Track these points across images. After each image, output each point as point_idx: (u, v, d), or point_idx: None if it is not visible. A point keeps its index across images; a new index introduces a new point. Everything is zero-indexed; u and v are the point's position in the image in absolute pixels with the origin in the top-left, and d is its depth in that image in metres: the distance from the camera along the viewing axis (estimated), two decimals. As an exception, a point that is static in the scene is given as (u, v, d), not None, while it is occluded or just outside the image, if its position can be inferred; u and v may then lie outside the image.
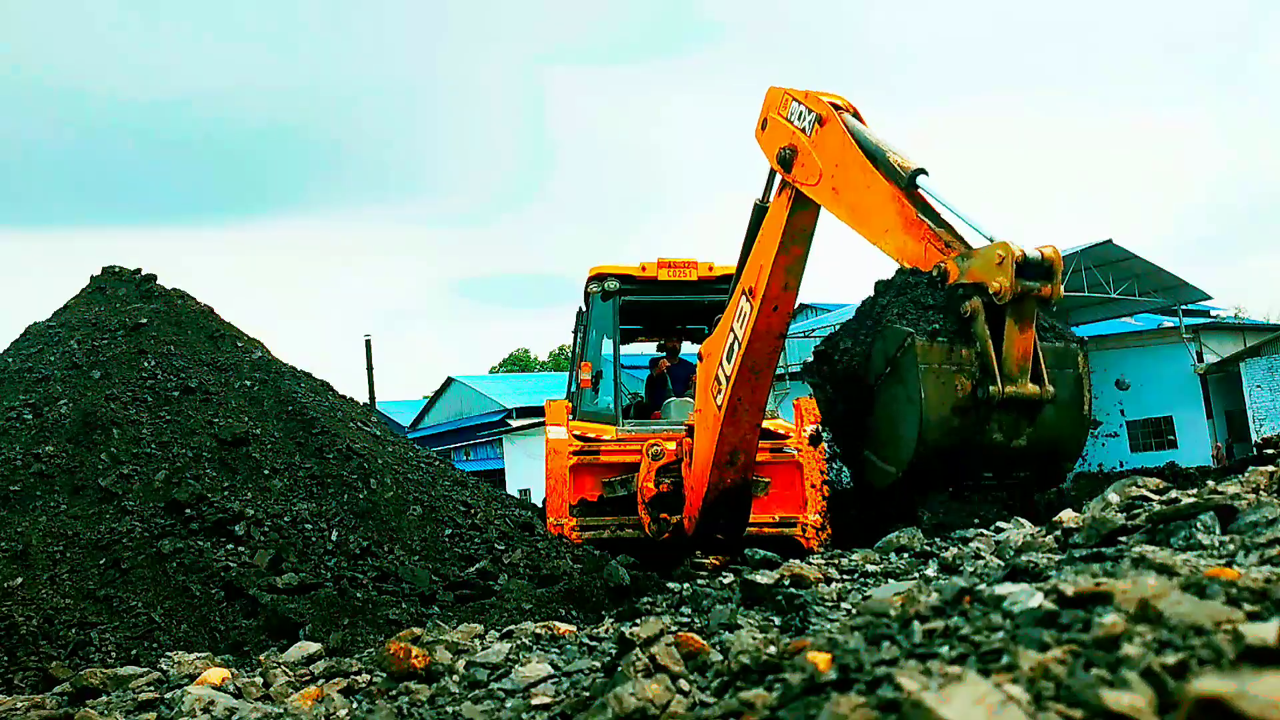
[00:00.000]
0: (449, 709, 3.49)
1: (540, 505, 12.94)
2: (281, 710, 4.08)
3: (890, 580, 4.29)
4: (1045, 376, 6.41)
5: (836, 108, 7.57)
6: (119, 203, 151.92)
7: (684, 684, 2.68)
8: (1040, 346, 6.52)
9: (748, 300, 8.58)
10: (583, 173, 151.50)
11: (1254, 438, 31.94)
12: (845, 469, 10.42)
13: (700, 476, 9.29)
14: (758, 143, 8.40)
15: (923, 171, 6.85)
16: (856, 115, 7.55)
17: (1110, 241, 34.53)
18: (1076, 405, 6.84)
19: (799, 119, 7.83)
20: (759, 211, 8.50)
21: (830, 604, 3.92)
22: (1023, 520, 5.95)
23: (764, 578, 4.28)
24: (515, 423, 44.22)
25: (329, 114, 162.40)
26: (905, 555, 5.11)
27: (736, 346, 8.58)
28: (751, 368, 8.55)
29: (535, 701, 3.29)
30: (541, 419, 13.56)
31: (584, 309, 12.62)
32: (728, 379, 8.67)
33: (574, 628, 4.90)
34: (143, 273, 12.37)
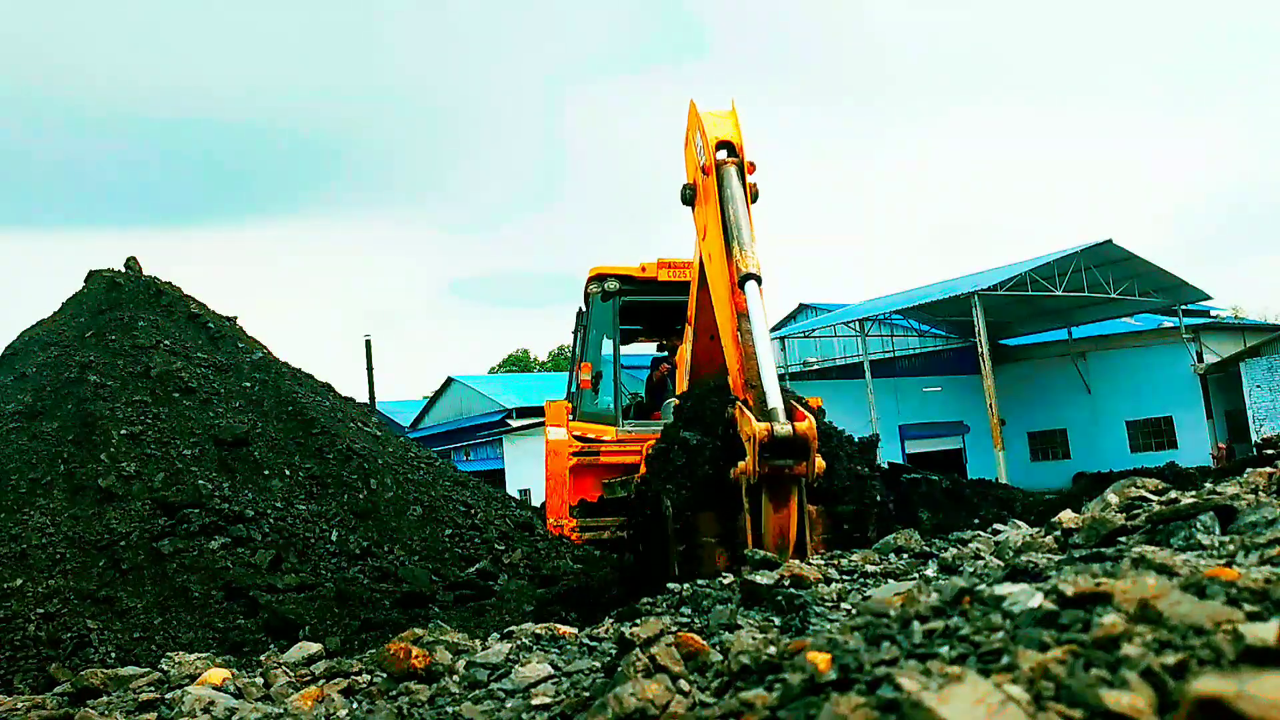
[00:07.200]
0: (449, 709, 3.49)
1: (540, 506, 12.92)
2: (281, 710, 4.08)
3: (890, 580, 4.28)
4: (809, 546, 6.00)
5: (729, 148, 7.24)
6: (120, 204, 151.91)
7: (684, 684, 2.68)
8: (821, 512, 6.21)
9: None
10: (584, 175, 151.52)
11: (1254, 438, 31.94)
12: None
13: None
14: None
15: (754, 277, 6.54)
16: (742, 165, 7.19)
17: (1110, 241, 34.56)
18: None
19: (700, 154, 7.56)
20: None
21: (830, 604, 3.92)
22: (1019, 521, 5.94)
23: (764, 578, 4.28)
24: (515, 423, 44.22)
25: (333, 117, 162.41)
26: (905, 555, 5.11)
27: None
28: None
29: (535, 701, 3.29)
30: (541, 419, 13.56)
31: (584, 309, 12.60)
32: None
33: (574, 629, 4.90)
34: (143, 273, 12.36)
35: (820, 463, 5.93)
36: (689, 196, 7.78)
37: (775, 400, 6.09)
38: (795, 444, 5.82)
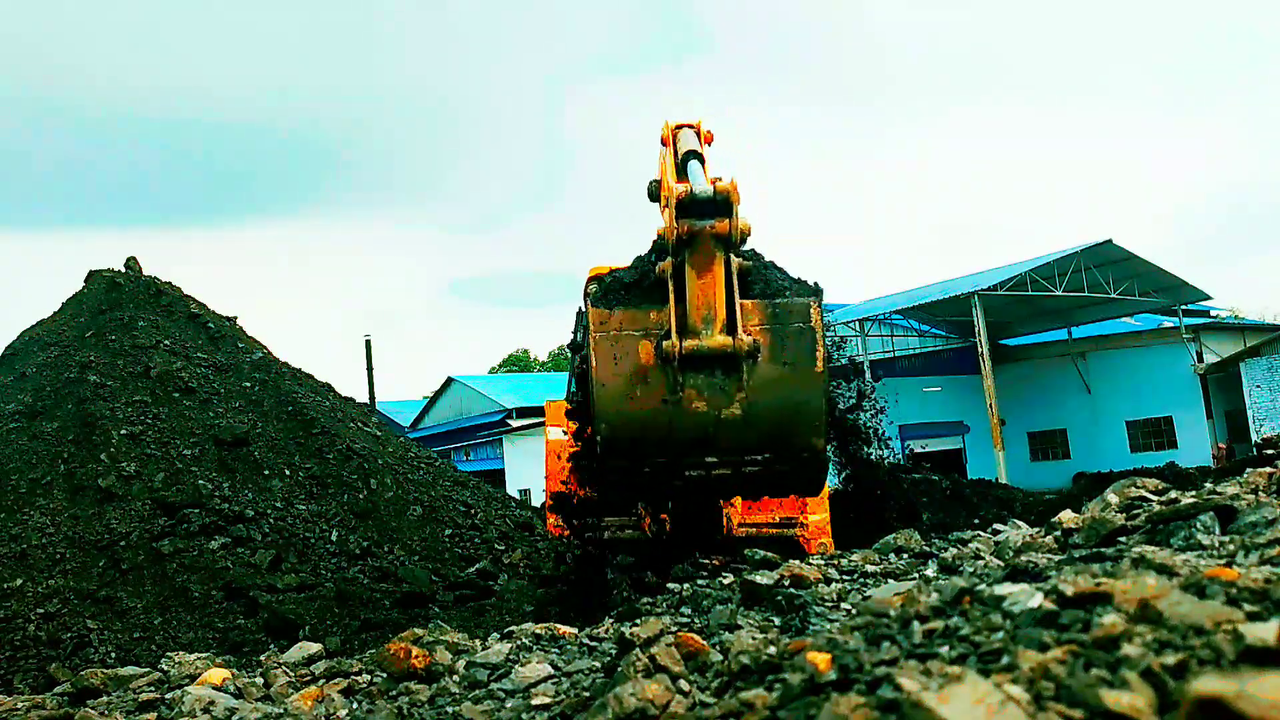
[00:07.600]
0: (449, 709, 3.49)
1: (540, 506, 12.91)
2: (282, 710, 4.08)
3: (890, 580, 4.29)
4: (741, 327, 5.78)
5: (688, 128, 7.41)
6: (120, 204, 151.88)
7: (684, 684, 2.68)
8: (757, 303, 5.96)
9: None
10: (584, 175, 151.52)
11: (1254, 438, 31.94)
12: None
13: None
14: None
15: (693, 154, 6.52)
16: (699, 134, 7.37)
17: (1110, 241, 34.56)
18: (804, 364, 5.96)
19: (663, 146, 7.78)
20: None
21: (830, 604, 3.92)
22: (1019, 521, 5.93)
23: (764, 578, 4.28)
24: (515, 423, 44.22)
25: (333, 117, 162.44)
26: (905, 555, 5.11)
27: None
28: None
29: (535, 701, 3.29)
30: (541, 419, 13.57)
31: (584, 309, 12.60)
32: None
33: (574, 629, 4.90)
34: (143, 273, 12.36)
35: (745, 224, 5.64)
36: (654, 190, 8.00)
37: (700, 182, 5.91)
38: (716, 202, 5.58)
